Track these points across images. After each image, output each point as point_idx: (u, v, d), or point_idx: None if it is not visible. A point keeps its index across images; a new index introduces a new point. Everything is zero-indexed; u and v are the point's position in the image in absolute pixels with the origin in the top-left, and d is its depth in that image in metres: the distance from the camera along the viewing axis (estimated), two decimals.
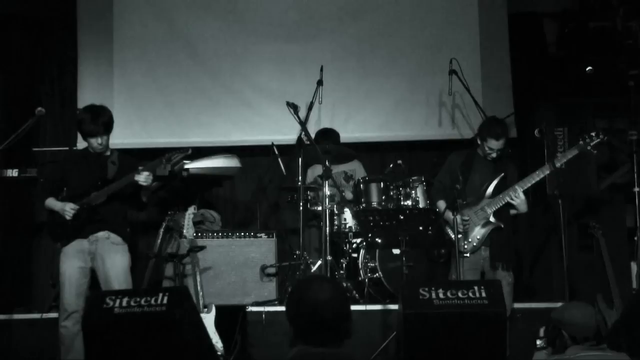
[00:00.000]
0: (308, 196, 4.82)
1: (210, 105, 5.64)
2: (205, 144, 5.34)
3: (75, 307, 3.67)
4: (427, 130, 5.59)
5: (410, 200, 4.62)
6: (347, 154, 4.81)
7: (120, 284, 3.72)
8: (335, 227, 4.71)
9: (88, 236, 3.77)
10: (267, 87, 5.66)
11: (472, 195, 4.02)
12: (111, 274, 3.74)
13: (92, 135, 3.76)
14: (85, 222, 3.76)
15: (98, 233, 3.79)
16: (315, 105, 4.95)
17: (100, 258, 3.77)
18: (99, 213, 3.76)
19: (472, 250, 3.99)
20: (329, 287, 2.23)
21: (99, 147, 3.80)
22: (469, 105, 5.37)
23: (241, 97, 5.67)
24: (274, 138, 5.28)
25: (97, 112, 3.76)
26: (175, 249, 4.41)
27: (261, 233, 4.67)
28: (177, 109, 5.64)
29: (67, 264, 3.74)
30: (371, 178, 4.78)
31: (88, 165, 3.83)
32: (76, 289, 3.69)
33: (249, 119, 5.65)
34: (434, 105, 5.60)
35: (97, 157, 3.85)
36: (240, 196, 5.72)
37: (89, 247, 3.77)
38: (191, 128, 5.61)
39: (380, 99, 5.68)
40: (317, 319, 2.15)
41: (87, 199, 3.75)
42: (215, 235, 4.64)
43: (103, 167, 3.81)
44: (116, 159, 3.86)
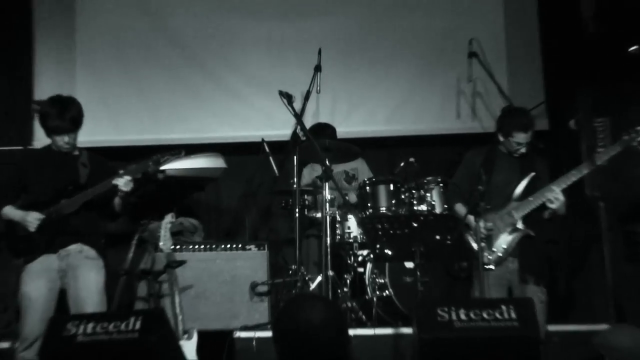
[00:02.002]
0: (305, 201, 4.82)
1: (191, 97, 5.66)
2: (184, 141, 5.35)
3: (38, 334, 3.60)
4: (443, 123, 5.61)
5: (424, 205, 4.65)
6: (350, 151, 4.78)
7: (93, 305, 3.69)
8: (337, 236, 4.73)
9: (57, 251, 3.73)
10: (257, 75, 5.67)
11: (496, 198, 4.04)
12: (83, 294, 3.70)
13: (59, 133, 3.72)
14: (54, 234, 3.70)
15: (69, 246, 3.75)
16: (313, 95, 4.97)
17: (72, 275, 3.73)
18: (70, 223, 3.71)
19: (497, 262, 4.00)
20: (322, 307, 2.22)
21: (65, 146, 3.76)
22: (492, 93, 5.39)
23: (226, 86, 5.68)
24: (264, 134, 5.28)
25: (64, 105, 3.70)
26: (150, 264, 4.46)
27: (250, 245, 4.69)
28: (152, 102, 5.65)
29: (32, 285, 3.68)
30: (379, 179, 4.79)
31: (54, 167, 3.78)
32: (41, 314, 3.61)
33: (235, 112, 5.67)
34: (450, 94, 5.61)
35: (64, 157, 3.81)
36: (226, 202, 5.75)
37: (59, 263, 3.74)
38: (168, 123, 5.62)
39: (388, 87, 5.69)
40: (308, 345, 2.14)
41: (55, 207, 3.70)
42: (196, 248, 4.67)
43: (73, 170, 3.78)
44: (87, 160, 3.84)
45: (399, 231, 3.83)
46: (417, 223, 3.81)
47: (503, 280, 4.00)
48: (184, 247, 4.65)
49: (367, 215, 4.62)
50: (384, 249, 3.96)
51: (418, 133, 5.65)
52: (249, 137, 5.54)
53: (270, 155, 5.08)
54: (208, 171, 5.00)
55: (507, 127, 4.02)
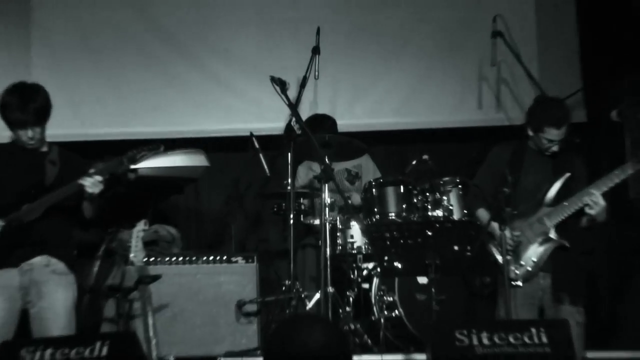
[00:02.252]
0: (301, 205, 4.82)
1: (167, 84, 5.66)
2: (159, 136, 5.32)
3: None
4: (462, 114, 5.61)
5: (440, 210, 4.64)
6: (353, 146, 4.80)
7: (60, 329, 3.69)
8: (338, 247, 4.74)
9: (19, 264, 3.73)
10: (244, 59, 5.67)
11: (525, 202, 4.04)
12: (49, 315, 3.70)
13: (21, 126, 3.70)
14: (15, 244, 3.70)
15: (33, 259, 3.76)
16: (310, 82, 4.96)
17: (36, 293, 3.74)
18: (34, 232, 3.70)
19: (526, 277, 4.01)
20: (321, 329, 2.22)
21: (30, 141, 3.76)
22: (519, 79, 5.38)
23: (209, 72, 5.68)
24: (253, 127, 5.27)
25: (27, 94, 3.69)
26: (119, 279, 4.42)
27: (237, 257, 4.70)
28: (122, 90, 5.66)
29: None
30: (387, 180, 4.80)
31: (16, 166, 3.78)
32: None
33: (219, 102, 5.67)
34: (471, 81, 5.61)
35: (29, 155, 3.80)
36: (209, 206, 5.74)
37: (21, 279, 3.73)
38: (140, 114, 5.62)
39: (397, 72, 5.68)
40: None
41: (16, 214, 3.68)
42: (173, 261, 4.66)
43: (39, 169, 3.77)
44: (56, 158, 3.84)
45: (410, 240, 3.83)
46: (431, 231, 3.81)
47: (533, 299, 4.00)
48: (159, 260, 4.64)
49: (373, 222, 4.63)
50: (393, 261, 3.94)
51: (433, 126, 5.65)
52: (235, 130, 5.54)
53: (260, 152, 5.07)
54: (187, 170, 4.99)
55: (537, 121, 4.03)
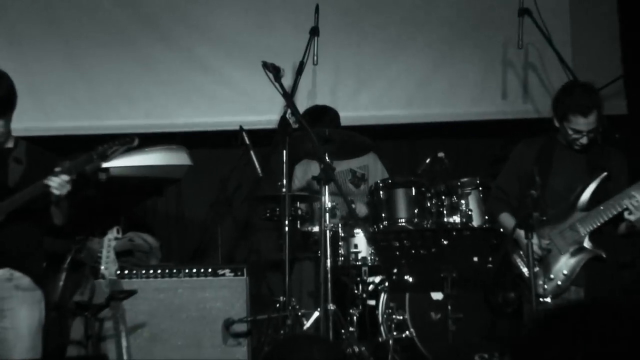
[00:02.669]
0: (297, 210, 4.79)
1: (144, 70, 5.62)
2: (136, 129, 5.19)
3: None
4: (483, 105, 5.58)
5: (458, 216, 4.64)
6: (357, 143, 4.77)
7: (23, 352, 3.68)
8: (340, 258, 4.73)
9: None
10: (232, 42, 5.64)
11: (555, 206, 4.03)
12: (11, 336, 3.71)
13: None
14: None
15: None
16: (308, 68, 4.92)
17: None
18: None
19: (556, 292, 3.98)
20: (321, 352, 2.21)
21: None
22: (550, 64, 5.34)
23: (191, 57, 5.65)
24: (243, 119, 5.26)
25: None
26: (88, 295, 4.36)
27: (224, 269, 4.68)
28: (93, 76, 5.62)
29: None
30: (397, 181, 4.80)
31: None
32: None
33: (204, 90, 5.64)
34: (493, 67, 5.58)
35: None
36: (192, 211, 5.72)
37: None
38: (114, 104, 5.59)
39: (409, 57, 5.65)
40: None
41: None
42: (151, 274, 4.64)
43: (1, 168, 3.78)
44: (23, 155, 3.84)
45: (423, 251, 3.83)
46: (447, 240, 3.81)
47: None
48: (135, 273, 4.62)
49: (380, 230, 4.62)
50: (403, 274, 3.94)
51: (449, 119, 5.62)
52: (222, 124, 5.51)
53: (251, 149, 5.05)
54: (167, 170, 4.96)
55: (561, 109, 4.00)
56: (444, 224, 4.61)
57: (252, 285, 4.73)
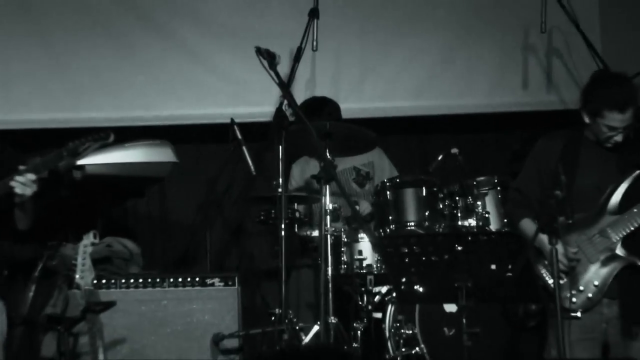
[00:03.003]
0: (295, 212, 4.78)
1: (124, 57, 5.64)
2: (115, 122, 5.30)
3: None
4: (501, 96, 5.61)
5: (473, 219, 4.65)
6: (362, 138, 4.73)
7: None
8: (343, 266, 4.72)
9: None
10: (223, 25, 5.65)
11: (582, 209, 4.00)
12: None
13: None
14: None
15: None
16: (307, 54, 4.94)
17: None
18: None
19: (586, 306, 3.95)
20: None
21: None
22: (578, 50, 5.37)
23: (177, 41, 5.66)
24: (234, 112, 5.25)
25: None
26: (61, 307, 4.37)
27: (213, 278, 4.69)
28: (66, 64, 5.62)
29: None
30: (405, 180, 4.80)
31: None
32: None
33: (190, 79, 5.65)
34: (513, 53, 5.60)
35: None
36: (177, 213, 5.73)
37: None
38: (91, 95, 5.59)
39: (419, 42, 5.66)
40: None
41: None
42: (132, 283, 4.64)
43: None
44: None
45: (434, 257, 3.81)
46: (462, 246, 3.79)
47: (594, 333, 3.95)
48: (113, 282, 4.62)
49: (387, 235, 4.62)
50: (413, 284, 3.92)
51: (464, 111, 5.63)
52: (211, 116, 5.53)
53: (244, 144, 5.04)
54: (150, 167, 4.95)
55: (595, 104, 3.96)
56: (458, 227, 4.62)
57: (244, 296, 4.72)
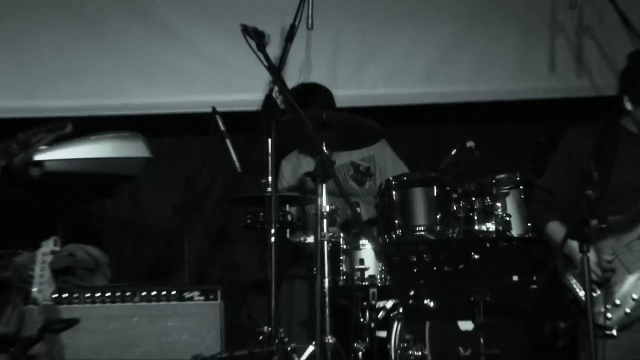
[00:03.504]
0: (287, 215, 4.75)
1: (90, 38, 5.66)
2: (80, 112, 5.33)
3: None
4: (524, 81, 5.63)
5: (492, 222, 4.67)
6: (364, 128, 4.76)
7: None
8: (341, 277, 4.74)
9: None
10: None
11: (619, 211, 4.03)
12: None
13: None
14: None
15: None
16: (301, 33, 4.99)
17: None
18: None
19: (624, 323, 3.99)
20: None
21: None
22: (611, 27, 5.37)
23: (150, 19, 5.68)
24: (217, 100, 5.26)
25: None
26: (15, 325, 4.39)
27: (193, 291, 4.71)
28: (24, 45, 5.64)
29: None
30: (413, 177, 4.83)
31: None
32: None
33: (166, 63, 5.68)
34: (538, 31, 5.62)
35: None
36: (150, 216, 5.75)
37: None
38: (51, 81, 5.62)
39: (429, 20, 5.67)
40: None
41: None
42: (98, 297, 4.65)
43: None
44: None
45: (447, 267, 3.83)
46: (479, 253, 3.81)
47: (634, 355, 3.98)
48: (76, 296, 4.62)
49: (393, 241, 4.62)
50: (422, 298, 3.95)
51: (480, 98, 5.65)
52: (190, 104, 5.55)
53: (227, 137, 5.03)
54: (119, 163, 4.91)
55: (638, 89, 3.97)
56: (474, 232, 4.62)
57: (228, 312, 4.72)
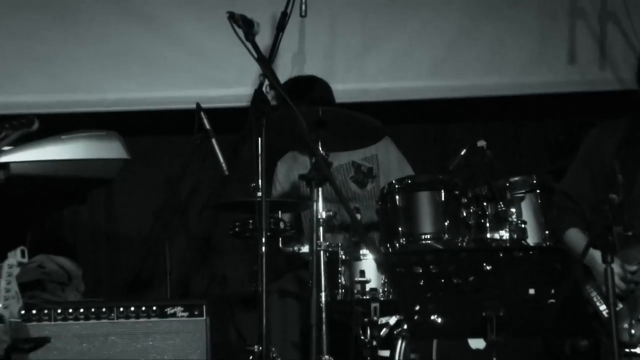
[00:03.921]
0: (279, 222, 4.75)
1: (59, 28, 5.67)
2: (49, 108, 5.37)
3: None
4: (541, 74, 5.64)
5: (507, 230, 4.68)
6: (365, 126, 4.76)
7: None
8: (340, 290, 4.79)
9: None
10: None
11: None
12: None
13: None
14: None
15: None
16: (294, 22, 4.96)
17: None
18: None
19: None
20: None
21: None
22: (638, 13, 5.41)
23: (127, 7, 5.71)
24: (201, 95, 5.28)
25: None
26: None
27: (175, 306, 4.71)
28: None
29: None
30: (419, 180, 4.87)
31: None
32: None
33: (146, 54, 5.70)
34: (556, 19, 5.62)
35: None
36: (128, 224, 5.76)
37: None
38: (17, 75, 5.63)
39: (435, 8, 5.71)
40: None
41: None
42: (70, 314, 4.64)
43: None
44: None
45: (457, 280, 3.85)
46: (492, 264, 3.81)
47: None
48: (46, 313, 4.61)
49: (396, 250, 4.66)
50: (429, 313, 3.96)
51: (493, 93, 5.66)
52: (171, 100, 5.58)
53: (213, 136, 5.03)
54: (93, 166, 4.86)
55: None
56: (486, 241, 4.64)
57: (214, 329, 4.70)
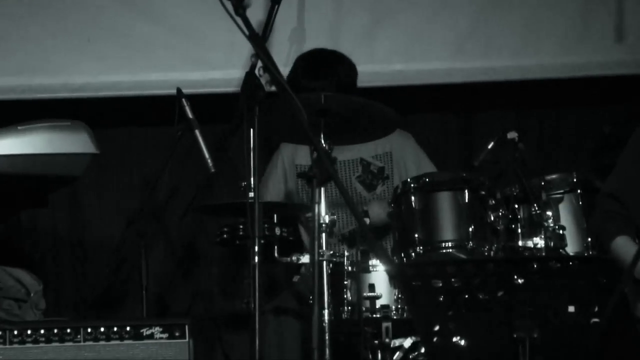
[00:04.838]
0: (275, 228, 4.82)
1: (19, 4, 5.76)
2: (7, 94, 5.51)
3: None
4: (582, 54, 5.71)
5: (542, 236, 4.73)
6: (375, 116, 4.83)
7: None
8: (346, 307, 4.86)
9: None
10: None
11: None
12: None
13: None
14: None
15: None
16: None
17: None
18: None
19: None
20: None
21: None
22: None
23: None
24: (183, 78, 5.38)
25: None
26: None
27: (153, 326, 4.72)
28: None
29: None
30: (438, 178, 4.94)
31: None
32: None
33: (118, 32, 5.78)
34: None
35: None
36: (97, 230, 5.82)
37: None
38: None
39: None
40: None
41: None
42: (29, 335, 4.67)
43: None
44: None
45: (482, 295, 3.91)
46: (524, 277, 3.86)
47: None
48: (1, 335, 4.61)
49: (412, 261, 4.73)
50: (450, 334, 4.02)
51: (525, 76, 5.72)
52: (148, 84, 5.66)
53: (197, 127, 5.09)
54: (57, 162, 4.93)
55: None
56: (517, 250, 4.69)
57: (199, 352, 4.73)
